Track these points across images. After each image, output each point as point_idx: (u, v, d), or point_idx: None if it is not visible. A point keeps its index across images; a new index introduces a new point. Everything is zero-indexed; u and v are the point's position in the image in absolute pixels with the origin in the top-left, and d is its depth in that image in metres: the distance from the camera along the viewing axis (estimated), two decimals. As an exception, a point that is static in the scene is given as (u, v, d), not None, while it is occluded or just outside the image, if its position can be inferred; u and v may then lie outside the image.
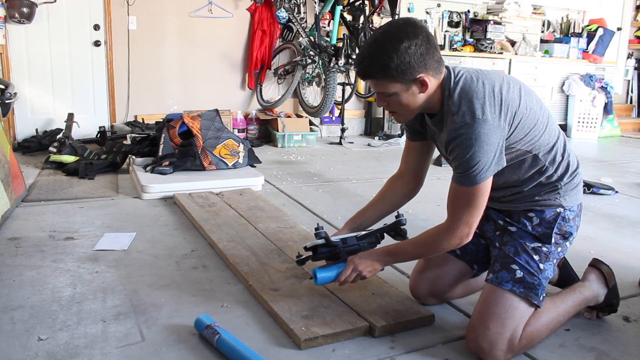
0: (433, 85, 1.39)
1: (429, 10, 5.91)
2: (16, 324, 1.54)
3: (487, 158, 1.33)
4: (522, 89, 1.44)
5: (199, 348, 1.44)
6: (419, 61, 1.33)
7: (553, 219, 1.48)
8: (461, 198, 1.40)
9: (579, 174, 1.53)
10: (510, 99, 1.38)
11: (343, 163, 4.20)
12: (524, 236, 1.48)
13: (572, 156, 1.52)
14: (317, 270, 1.57)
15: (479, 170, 1.34)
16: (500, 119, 1.35)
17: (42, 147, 4.19)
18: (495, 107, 1.35)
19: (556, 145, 1.48)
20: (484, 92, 1.36)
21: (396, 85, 1.37)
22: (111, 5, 4.65)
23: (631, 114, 7.52)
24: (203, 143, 3.33)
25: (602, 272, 1.66)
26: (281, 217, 2.55)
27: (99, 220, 2.56)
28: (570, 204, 1.50)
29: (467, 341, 1.46)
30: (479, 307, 1.45)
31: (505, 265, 1.45)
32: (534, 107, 1.43)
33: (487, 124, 1.32)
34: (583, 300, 1.59)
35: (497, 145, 1.34)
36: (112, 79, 4.78)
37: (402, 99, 1.40)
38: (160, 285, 1.84)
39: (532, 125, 1.41)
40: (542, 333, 1.47)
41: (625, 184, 3.70)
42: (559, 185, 1.48)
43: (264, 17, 5.18)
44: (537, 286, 1.42)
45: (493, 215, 1.58)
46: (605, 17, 6.71)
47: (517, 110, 1.38)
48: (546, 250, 1.46)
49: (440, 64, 1.39)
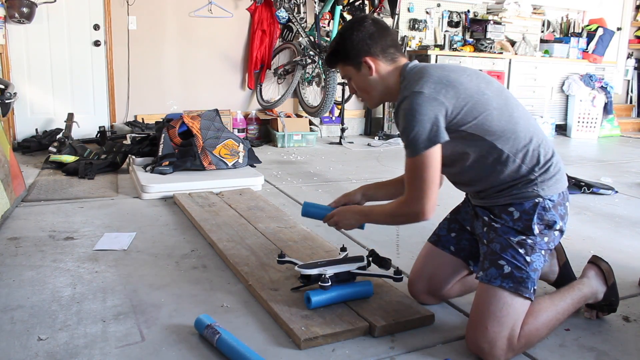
0: (383, 69, 1.56)
1: (429, 10, 5.91)
2: (16, 324, 1.54)
3: (422, 127, 1.40)
4: (481, 78, 1.51)
5: (199, 348, 1.44)
6: (362, 46, 1.54)
7: (532, 210, 1.47)
8: (409, 171, 1.47)
9: (554, 164, 1.51)
10: (457, 81, 1.45)
11: (343, 163, 4.20)
12: (507, 231, 1.49)
13: (545, 147, 1.50)
14: (311, 294, 1.59)
15: (416, 139, 1.41)
16: (440, 94, 1.42)
17: (42, 147, 4.20)
18: (436, 85, 1.43)
19: (519, 136, 1.47)
20: (431, 74, 1.47)
21: (349, 69, 1.59)
22: (111, 5, 4.65)
23: (631, 114, 7.52)
24: (203, 143, 3.33)
25: (601, 269, 1.65)
26: (281, 217, 2.55)
27: (98, 220, 2.56)
28: (549, 194, 1.48)
29: (467, 342, 1.47)
30: (474, 307, 1.47)
31: (494, 262, 1.46)
32: (490, 94, 1.47)
33: (422, 96, 1.41)
34: (582, 297, 1.59)
35: (434, 117, 1.40)
36: (112, 78, 4.78)
37: (358, 82, 1.60)
38: (160, 285, 1.84)
39: (483, 110, 1.44)
40: (540, 332, 1.47)
41: (625, 184, 3.71)
42: (532, 177, 1.47)
43: (263, 17, 5.18)
44: (525, 279, 1.42)
45: (479, 212, 1.59)
46: (605, 17, 6.71)
47: (464, 92, 1.44)
48: (531, 242, 1.46)
49: (389, 52, 1.55)
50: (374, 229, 2.47)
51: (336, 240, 2.29)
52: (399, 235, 2.44)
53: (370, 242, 2.30)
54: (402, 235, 2.43)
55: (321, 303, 1.60)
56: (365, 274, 1.72)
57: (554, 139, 6.05)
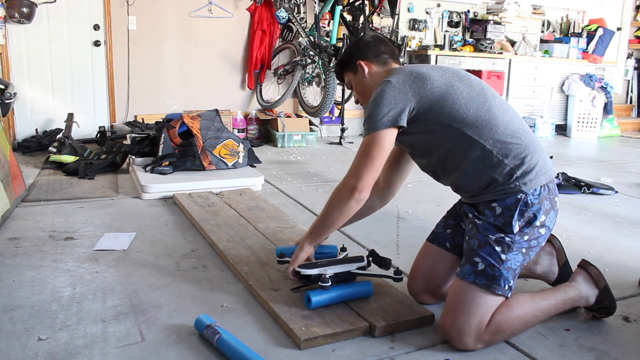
0: (375, 71, 1.67)
1: (428, 10, 5.92)
2: (16, 324, 1.54)
3: (380, 110, 1.49)
4: (456, 73, 1.57)
5: (199, 348, 1.44)
6: (358, 51, 1.69)
7: (513, 206, 1.48)
8: (360, 148, 1.55)
9: (529, 155, 1.49)
10: (427, 74, 1.53)
11: (343, 163, 4.20)
12: (487, 228, 1.50)
13: (518, 139, 1.50)
14: (311, 294, 1.59)
15: (372, 118, 1.50)
16: (406, 84, 1.51)
17: (42, 147, 4.20)
18: (405, 77, 1.53)
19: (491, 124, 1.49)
20: (405, 69, 1.57)
21: (349, 74, 1.73)
22: (111, 5, 4.65)
23: (631, 114, 7.52)
24: (203, 143, 3.33)
25: (589, 273, 1.64)
26: (281, 217, 2.55)
27: (98, 220, 2.56)
28: (531, 187, 1.48)
29: (440, 330, 1.52)
30: (448, 298, 1.52)
31: (469, 259, 1.48)
32: (460, 86, 1.53)
33: (389, 85, 1.52)
34: (567, 299, 1.58)
35: (395, 103, 1.49)
36: (112, 78, 4.78)
37: (356, 85, 1.71)
38: (160, 285, 1.84)
39: (450, 99, 1.50)
40: (513, 324, 1.47)
41: (625, 184, 3.71)
42: (506, 168, 1.47)
43: (263, 17, 5.18)
44: (498, 277, 1.44)
45: (466, 210, 1.60)
46: (605, 17, 6.72)
47: (432, 83, 1.51)
48: (509, 240, 1.47)
49: (382, 57, 1.68)
50: (375, 229, 2.48)
51: (336, 241, 2.29)
52: (399, 235, 2.44)
53: (370, 242, 2.31)
54: (402, 235, 2.43)
55: (321, 303, 1.60)
56: (366, 274, 1.72)
57: (554, 139, 6.05)
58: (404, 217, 2.73)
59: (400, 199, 3.03)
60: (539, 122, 6.00)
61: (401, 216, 2.74)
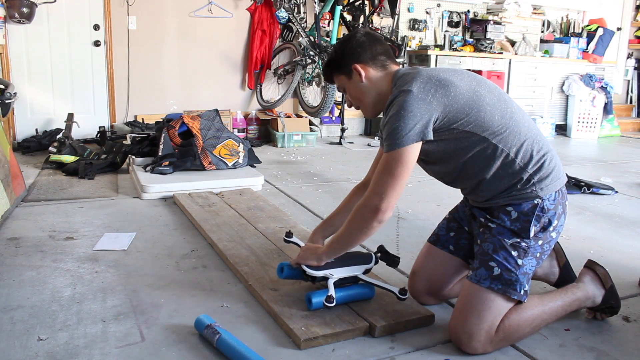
0: (373, 75, 1.57)
1: (428, 10, 5.92)
2: (16, 324, 1.54)
3: (406, 124, 1.40)
4: (472, 77, 1.51)
5: (199, 348, 1.44)
6: (352, 54, 1.57)
7: (530, 212, 1.47)
8: (382, 165, 1.45)
9: (548, 160, 1.49)
10: (447, 80, 1.45)
11: (343, 163, 4.20)
12: (502, 232, 1.48)
13: (539, 143, 1.49)
14: (312, 295, 1.58)
15: (398, 134, 1.40)
16: (429, 93, 1.42)
17: (42, 147, 4.20)
18: (425, 84, 1.43)
19: (514, 131, 1.46)
20: (421, 74, 1.47)
21: (341, 78, 1.62)
22: (111, 5, 4.65)
23: (631, 114, 7.52)
24: (203, 143, 3.33)
25: (596, 274, 1.65)
26: (281, 217, 2.55)
27: (98, 220, 2.56)
28: (547, 193, 1.47)
29: (449, 333, 1.50)
30: (458, 300, 1.49)
31: (484, 263, 1.46)
32: (482, 92, 1.47)
33: (411, 95, 1.41)
34: (575, 300, 1.58)
35: (420, 116, 1.40)
36: (112, 78, 4.78)
37: (351, 90, 1.61)
38: (160, 285, 1.84)
39: (475, 107, 1.44)
40: (522, 328, 1.46)
41: (625, 184, 3.71)
42: (526, 174, 1.46)
43: (263, 17, 5.18)
44: (514, 282, 1.43)
45: (476, 213, 1.58)
46: (605, 17, 6.71)
47: (455, 90, 1.44)
48: (525, 245, 1.46)
49: (379, 59, 1.57)
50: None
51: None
52: (398, 235, 2.44)
53: (370, 242, 2.30)
54: (402, 235, 2.43)
55: (322, 304, 1.59)
56: (372, 283, 1.67)
57: (554, 139, 6.05)
58: (404, 217, 2.73)
59: (400, 199, 3.01)
60: (539, 122, 6.00)
61: (401, 216, 2.74)
